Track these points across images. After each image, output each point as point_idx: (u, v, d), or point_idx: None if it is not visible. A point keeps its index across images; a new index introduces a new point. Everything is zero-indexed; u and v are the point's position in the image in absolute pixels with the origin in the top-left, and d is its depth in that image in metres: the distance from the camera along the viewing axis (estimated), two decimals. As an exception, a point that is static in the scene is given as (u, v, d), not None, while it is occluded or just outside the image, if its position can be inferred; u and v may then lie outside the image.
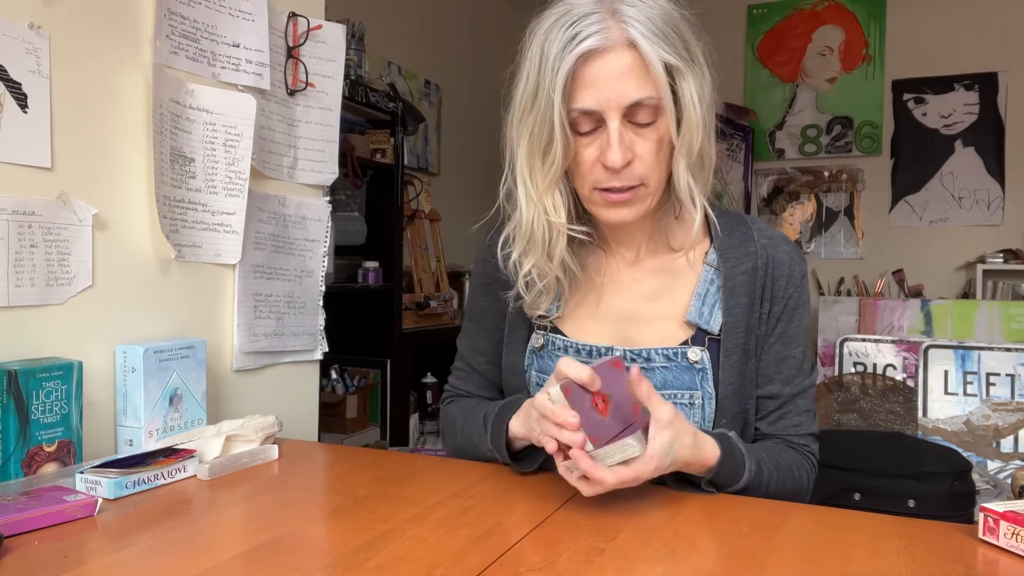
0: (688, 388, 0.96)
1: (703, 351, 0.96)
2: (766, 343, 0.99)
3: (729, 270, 0.98)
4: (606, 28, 0.85)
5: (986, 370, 2.56)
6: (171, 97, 1.12)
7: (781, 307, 0.99)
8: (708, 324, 0.97)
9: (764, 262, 0.99)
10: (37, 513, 0.76)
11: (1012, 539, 0.71)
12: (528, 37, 0.91)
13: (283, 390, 1.36)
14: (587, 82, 0.86)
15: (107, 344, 1.04)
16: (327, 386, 2.83)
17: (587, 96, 0.87)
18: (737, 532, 0.78)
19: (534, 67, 0.89)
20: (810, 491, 0.99)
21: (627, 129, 0.88)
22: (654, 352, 0.97)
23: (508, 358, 1.08)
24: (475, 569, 0.66)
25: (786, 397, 1.00)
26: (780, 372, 0.99)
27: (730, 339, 0.97)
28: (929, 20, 4.35)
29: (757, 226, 1.02)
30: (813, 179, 4.63)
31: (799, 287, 1.00)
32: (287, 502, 0.88)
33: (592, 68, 0.86)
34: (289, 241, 1.34)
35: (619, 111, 0.87)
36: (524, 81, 0.91)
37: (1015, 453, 2.46)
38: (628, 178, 0.90)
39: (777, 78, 4.70)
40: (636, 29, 0.85)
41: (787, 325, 0.99)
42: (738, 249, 0.99)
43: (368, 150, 2.91)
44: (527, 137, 0.92)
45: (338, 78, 1.41)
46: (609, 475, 0.78)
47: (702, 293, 0.99)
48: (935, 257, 4.32)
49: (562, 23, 0.87)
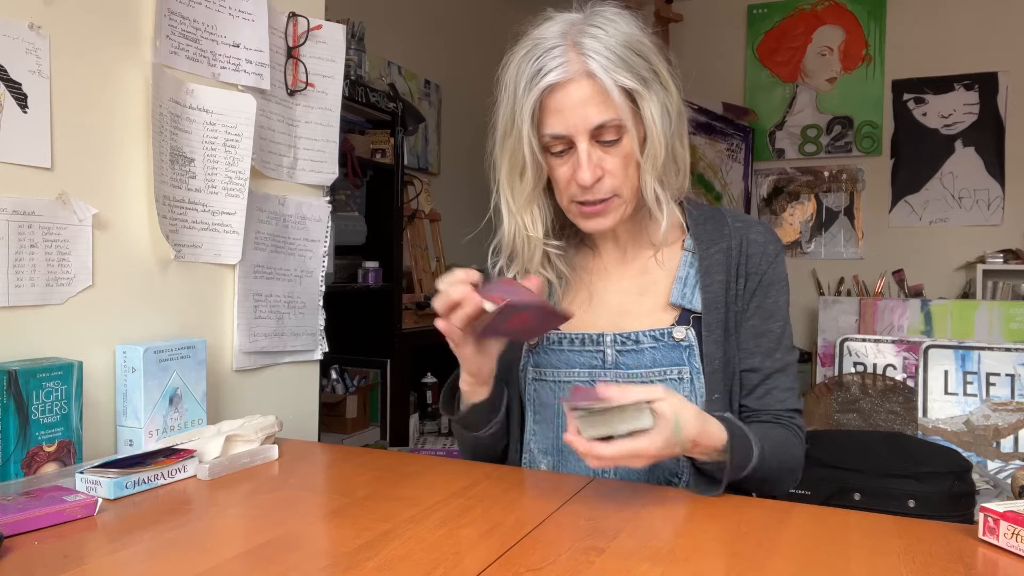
0: (676, 364, 1.02)
1: (688, 329, 1.02)
2: (744, 317, 1.05)
3: (704, 251, 1.05)
4: (567, 61, 0.93)
5: (986, 370, 2.56)
6: (171, 97, 1.12)
7: (756, 282, 1.05)
8: (691, 303, 1.04)
9: (738, 243, 1.06)
10: (37, 513, 0.76)
11: (1012, 539, 0.71)
12: (503, 68, 1.00)
13: (283, 390, 1.36)
14: (554, 110, 0.95)
15: (107, 344, 1.04)
16: (327, 386, 2.83)
17: (555, 123, 0.96)
18: (737, 532, 0.78)
19: (508, 97, 0.98)
20: (802, 465, 1.04)
21: (595, 148, 0.96)
22: (641, 334, 1.03)
23: (504, 355, 1.10)
24: (475, 569, 0.66)
25: (768, 371, 1.04)
26: (760, 346, 1.05)
27: (710, 314, 1.03)
28: (929, 20, 4.35)
29: (730, 214, 1.10)
30: (813, 179, 4.63)
31: (773, 263, 1.06)
32: (287, 502, 0.88)
33: (557, 98, 0.95)
34: (289, 241, 1.34)
35: (586, 134, 0.95)
36: (501, 109, 1.00)
37: (1015, 453, 2.46)
38: (600, 192, 0.98)
39: (777, 78, 4.70)
40: (595, 60, 0.93)
41: (763, 299, 1.05)
42: (712, 233, 1.07)
43: (368, 150, 2.91)
44: (506, 160, 1.01)
45: (338, 78, 1.41)
46: (609, 450, 0.80)
47: (683, 277, 1.06)
48: (935, 257, 4.32)
49: (530, 56, 0.96)
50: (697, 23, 4.69)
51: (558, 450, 1.06)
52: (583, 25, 0.95)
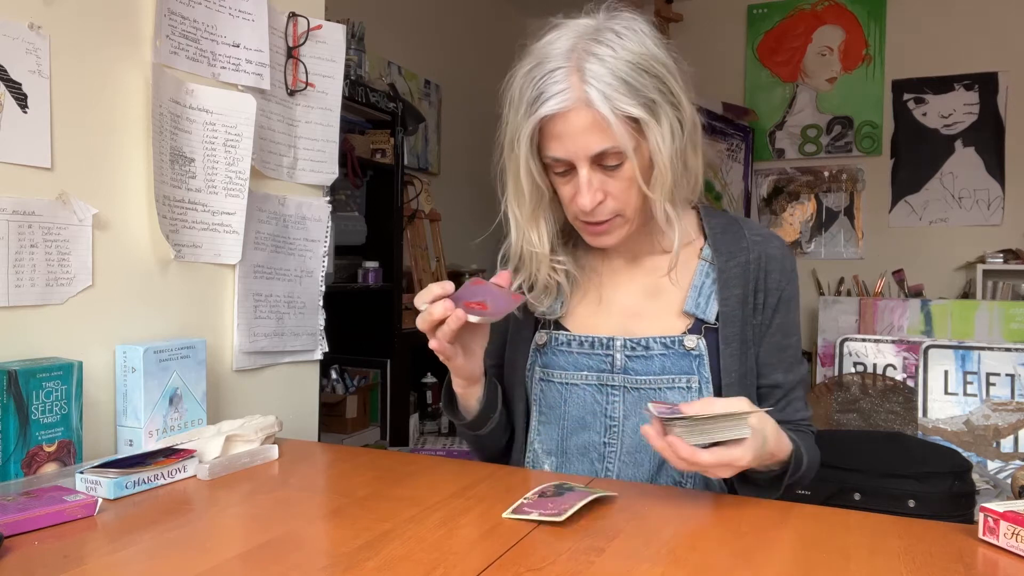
0: (685, 373, 1.02)
1: (699, 339, 1.02)
2: (766, 333, 1.05)
3: (723, 263, 1.05)
4: (568, 88, 0.90)
5: (986, 370, 2.56)
6: (171, 97, 1.12)
7: (776, 298, 1.05)
8: (704, 314, 1.03)
9: (756, 256, 1.05)
10: (37, 513, 0.76)
11: (1012, 539, 0.71)
12: (507, 82, 0.97)
13: (283, 390, 1.36)
14: (554, 135, 0.93)
15: (107, 344, 1.04)
16: (327, 386, 2.83)
17: (556, 147, 0.94)
18: (737, 532, 0.78)
19: (511, 114, 0.97)
20: None
21: (597, 172, 0.94)
22: (652, 340, 1.03)
23: (509, 355, 1.12)
24: (475, 569, 0.66)
25: (789, 385, 1.06)
26: (782, 361, 1.06)
27: (728, 327, 1.02)
28: (929, 20, 4.35)
29: (748, 225, 1.09)
30: (813, 179, 4.63)
31: (790, 280, 1.07)
32: (287, 502, 0.88)
33: (556, 125, 0.93)
34: (289, 241, 1.34)
35: (586, 160, 0.93)
36: (505, 124, 0.99)
37: (1015, 453, 2.46)
38: (602, 214, 0.97)
39: (777, 78, 4.70)
40: (595, 89, 0.89)
41: (784, 316, 1.06)
42: (731, 245, 1.06)
43: (368, 150, 2.92)
44: (511, 175, 1.00)
45: (338, 78, 1.41)
46: (707, 456, 0.80)
47: (698, 285, 1.05)
48: (935, 257, 4.32)
49: (532, 76, 0.93)
50: (697, 23, 4.69)
51: (562, 451, 1.06)
52: (590, 42, 0.91)
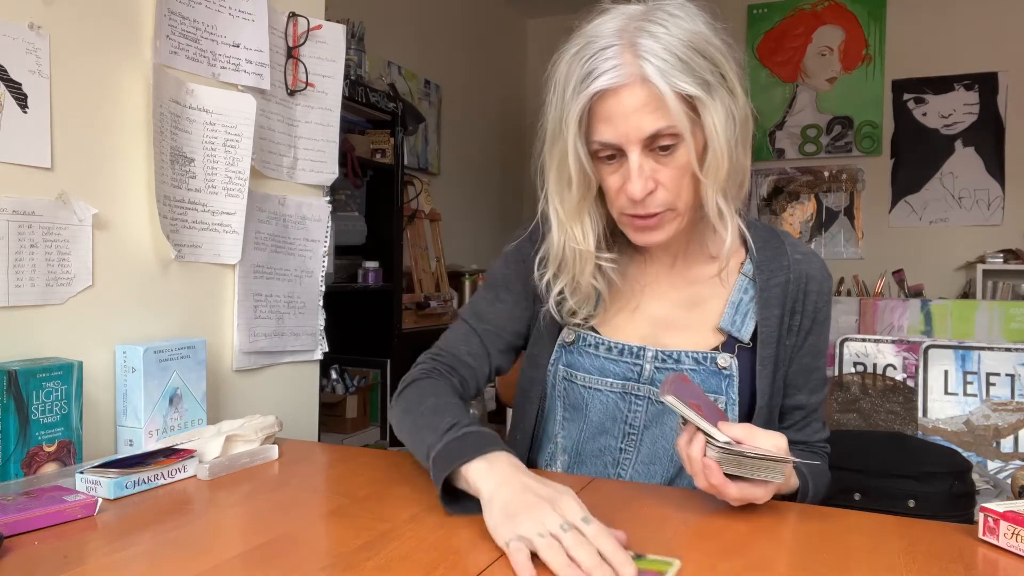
0: (714, 392, 0.98)
1: (732, 358, 0.99)
2: (797, 355, 1.02)
3: (764, 282, 1.00)
4: (621, 64, 0.85)
5: (986, 370, 2.56)
6: (171, 97, 1.12)
7: (811, 320, 1.02)
8: (739, 332, 1.00)
9: (797, 276, 1.01)
10: (37, 513, 0.76)
11: (1012, 539, 0.71)
12: (552, 66, 0.92)
13: (283, 390, 1.36)
14: (604, 117, 0.88)
15: (107, 344, 1.04)
16: (327, 386, 2.83)
17: (605, 130, 0.88)
18: (737, 532, 0.78)
19: (556, 99, 0.90)
20: None
21: (648, 158, 0.89)
22: (683, 355, 0.99)
23: (532, 349, 1.08)
24: (475, 569, 0.66)
25: (812, 407, 1.04)
26: (808, 383, 1.03)
27: (765, 349, 0.99)
28: (929, 20, 4.35)
29: (789, 241, 1.05)
30: (813, 179, 4.63)
31: (827, 302, 1.03)
32: (287, 502, 0.88)
33: (608, 104, 0.87)
34: (289, 241, 1.34)
35: (638, 144, 0.87)
36: (550, 110, 0.92)
37: (1015, 453, 2.46)
38: (653, 205, 0.91)
39: (777, 78, 4.70)
40: (651, 64, 0.84)
41: (817, 338, 1.03)
42: (772, 262, 1.02)
43: (368, 150, 2.92)
44: (554, 167, 0.94)
45: (338, 78, 1.41)
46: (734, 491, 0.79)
47: (735, 302, 1.01)
48: (935, 257, 4.32)
49: (581, 56, 0.88)
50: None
51: (578, 452, 1.04)
52: (642, 21, 0.86)
